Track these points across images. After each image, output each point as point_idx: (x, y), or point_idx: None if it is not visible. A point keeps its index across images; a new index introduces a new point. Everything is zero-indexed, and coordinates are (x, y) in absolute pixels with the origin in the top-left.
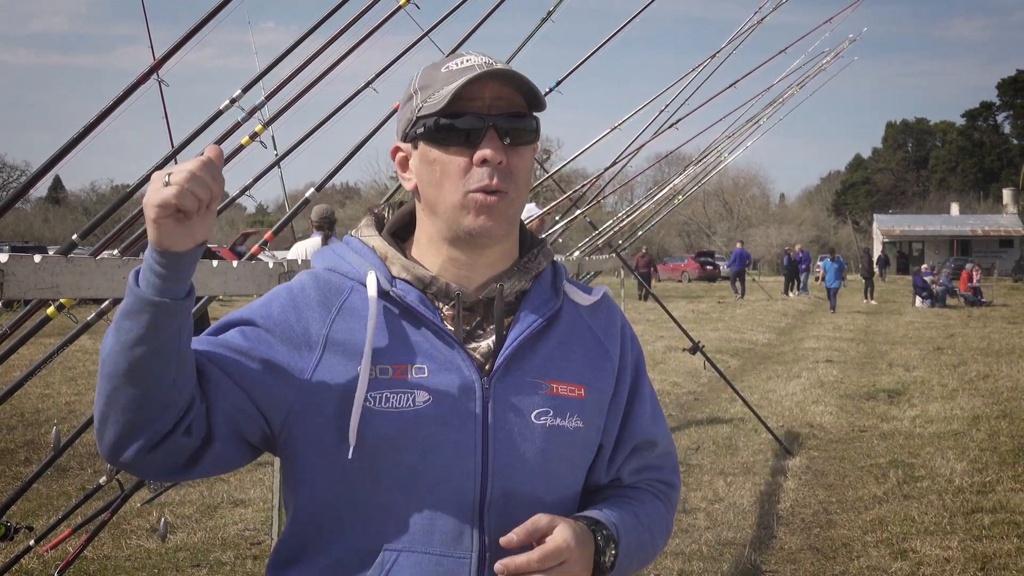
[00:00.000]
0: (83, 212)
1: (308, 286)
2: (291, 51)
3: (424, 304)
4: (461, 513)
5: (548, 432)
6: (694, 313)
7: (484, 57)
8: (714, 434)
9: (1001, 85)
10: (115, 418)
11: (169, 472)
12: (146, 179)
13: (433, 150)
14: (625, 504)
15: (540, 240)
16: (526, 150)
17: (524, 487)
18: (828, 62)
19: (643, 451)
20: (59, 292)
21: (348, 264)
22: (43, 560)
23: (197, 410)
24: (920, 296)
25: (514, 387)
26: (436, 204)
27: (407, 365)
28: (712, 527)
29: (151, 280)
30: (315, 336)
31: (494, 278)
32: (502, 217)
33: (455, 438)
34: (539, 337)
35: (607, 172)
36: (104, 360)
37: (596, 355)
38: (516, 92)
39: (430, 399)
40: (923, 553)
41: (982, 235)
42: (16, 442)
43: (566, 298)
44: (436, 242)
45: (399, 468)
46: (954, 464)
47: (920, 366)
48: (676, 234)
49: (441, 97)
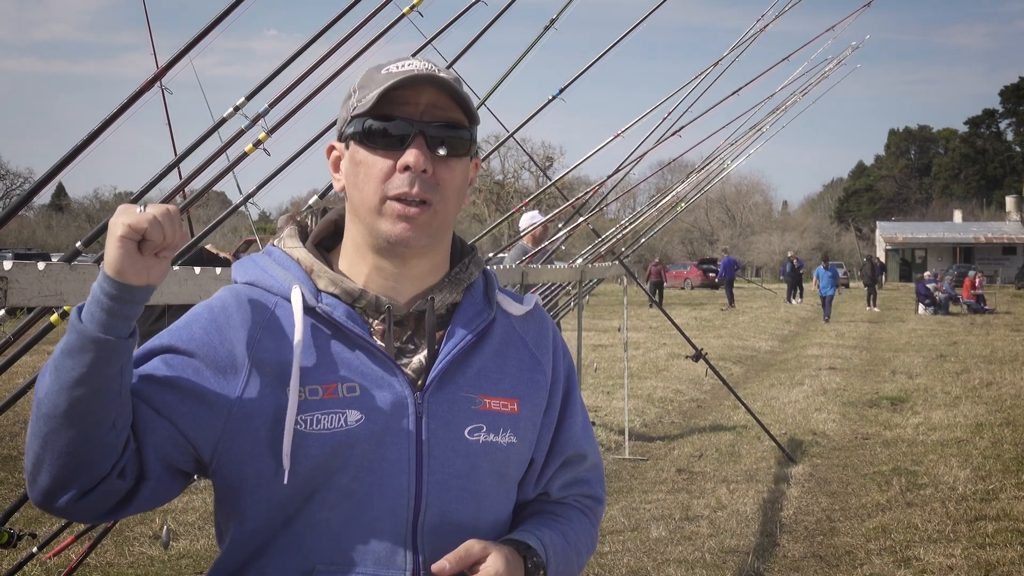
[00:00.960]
0: (86, 219)
1: (229, 304)
2: (295, 59)
3: (353, 319)
4: (395, 532)
5: (482, 449)
6: (697, 320)
7: (428, 63)
8: (717, 441)
9: (1004, 92)
10: (51, 462)
11: (100, 515)
12: (151, 186)
13: (361, 151)
14: (553, 523)
15: (471, 248)
16: (458, 163)
17: (458, 505)
18: (831, 69)
19: (573, 464)
20: (63, 300)
21: (271, 278)
22: (46, 567)
23: (130, 450)
24: (923, 303)
25: (447, 402)
26: (358, 207)
27: (337, 384)
28: (715, 534)
29: (97, 316)
30: (240, 358)
31: (424, 291)
32: (423, 229)
33: (389, 456)
34: (472, 350)
35: (610, 179)
36: (40, 401)
37: (529, 367)
38: (453, 103)
39: (362, 418)
40: (926, 561)
41: (985, 242)
42: (19, 449)
43: (498, 308)
44: (362, 250)
45: (333, 489)
46: (957, 472)
47: (923, 373)
48: (679, 241)
49: (373, 97)
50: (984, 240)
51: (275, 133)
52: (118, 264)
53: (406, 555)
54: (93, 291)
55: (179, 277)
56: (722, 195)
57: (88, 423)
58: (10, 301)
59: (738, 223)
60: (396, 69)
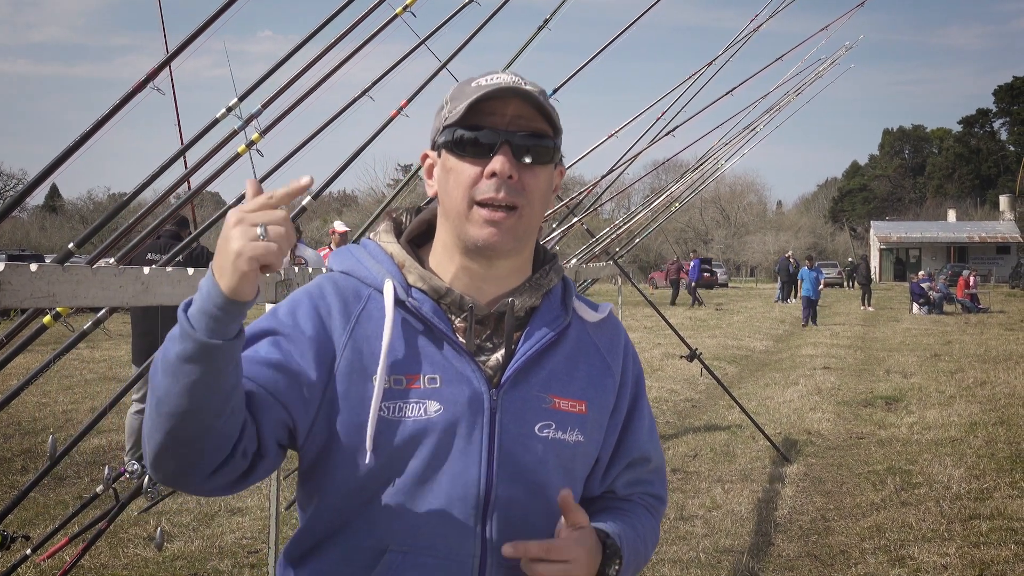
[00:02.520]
0: (80, 220)
1: (329, 293)
2: (288, 59)
3: (438, 315)
4: (464, 518)
5: (550, 445)
6: (691, 320)
7: (515, 76)
8: (712, 441)
9: (998, 92)
10: (175, 452)
11: (223, 489)
12: (144, 186)
13: (451, 158)
14: (624, 517)
15: (552, 256)
16: (542, 170)
17: (525, 495)
18: (825, 69)
19: (638, 466)
20: (55, 301)
21: (366, 269)
22: (40, 569)
23: (249, 432)
24: (917, 303)
25: (520, 400)
26: (449, 211)
27: (420, 375)
28: (710, 534)
29: (210, 325)
30: (336, 344)
31: (506, 293)
32: (509, 233)
33: (463, 447)
34: (546, 353)
35: (604, 179)
36: (161, 399)
37: (599, 372)
38: (537, 114)
39: (441, 409)
40: (921, 560)
41: (979, 241)
42: (13, 451)
43: (574, 315)
44: (450, 250)
45: (409, 475)
46: (952, 471)
47: (917, 373)
48: (674, 241)
49: (462, 108)
50: (978, 239)
51: (268, 134)
52: (237, 289)
53: (475, 542)
54: (203, 304)
55: (173, 278)
56: (716, 195)
57: (209, 418)
58: (3, 303)
59: (732, 223)
60: (485, 82)
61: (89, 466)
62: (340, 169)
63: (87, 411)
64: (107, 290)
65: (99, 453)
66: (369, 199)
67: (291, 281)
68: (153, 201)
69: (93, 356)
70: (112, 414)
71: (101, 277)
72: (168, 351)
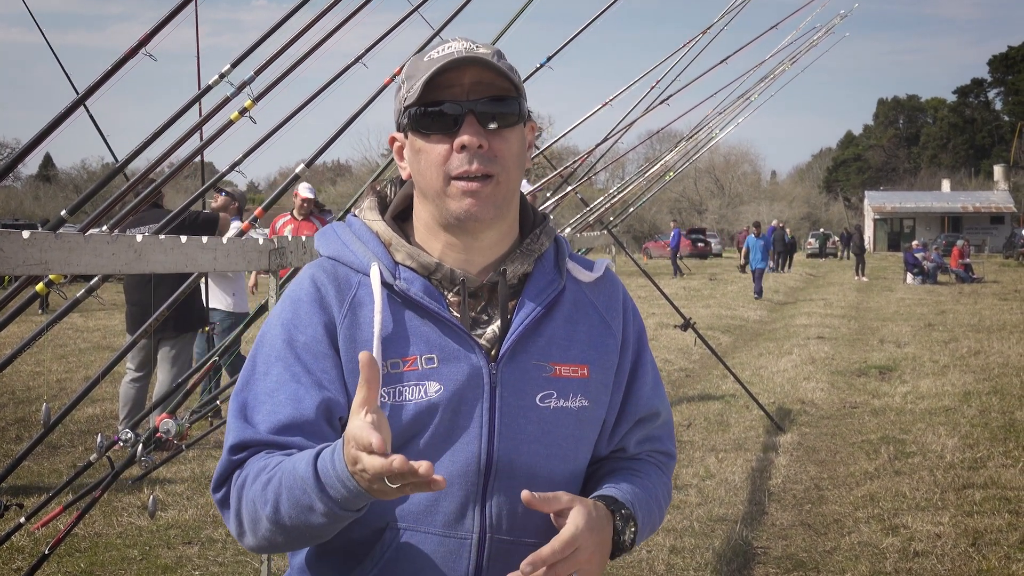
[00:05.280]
0: (74, 190)
1: (322, 284)
2: (280, 26)
3: (429, 293)
4: (464, 496)
5: (552, 415)
6: (685, 290)
7: (466, 42)
8: (705, 411)
9: (992, 62)
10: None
11: None
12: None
13: (418, 139)
14: (635, 478)
15: (543, 217)
16: (511, 132)
17: (528, 469)
18: (819, 38)
19: (646, 423)
20: (48, 268)
21: (352, 254)
22: (34, 538)
23: None
24: (911, 273)
25: (519, 371)
26: (426, 190)
27: (417, 357)
28: (703, 503)
29: (347, 500)
30: (334, 337)
31: (496, 261)
32: (488, 201)
33: (464, 424)
34: (543, 319)
35: (598, 148)
36: (284, 520)
37: (599, 332)
38: (496, 76)
39: (441, 388)
40: (914, 529)
41: (973, 211)
42: (7, 419)
43: (568, 276)
44: (432, 228)
45: (409, 454)
46: (945, 440)
47: (911, 342)
48: (667, 211)
49: (419, 86)
50: (972, 209)
51: (261, 101)
52: (369, 498)
53: (474, 518)
54: (345, 483)
55: (165, 245)
56: (711, 165)
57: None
58: None
59: (727, 193)
60: (437, 55)
61: (83, 435)
62: (333, 137)
63: (81, 380)
64: (100, 257)
65: (93, 422)
66: (363, 169)
67: (284, 249)
68: (143, 170)
69: (87, 325)
70: (106, 383)
71: (94, 244)
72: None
